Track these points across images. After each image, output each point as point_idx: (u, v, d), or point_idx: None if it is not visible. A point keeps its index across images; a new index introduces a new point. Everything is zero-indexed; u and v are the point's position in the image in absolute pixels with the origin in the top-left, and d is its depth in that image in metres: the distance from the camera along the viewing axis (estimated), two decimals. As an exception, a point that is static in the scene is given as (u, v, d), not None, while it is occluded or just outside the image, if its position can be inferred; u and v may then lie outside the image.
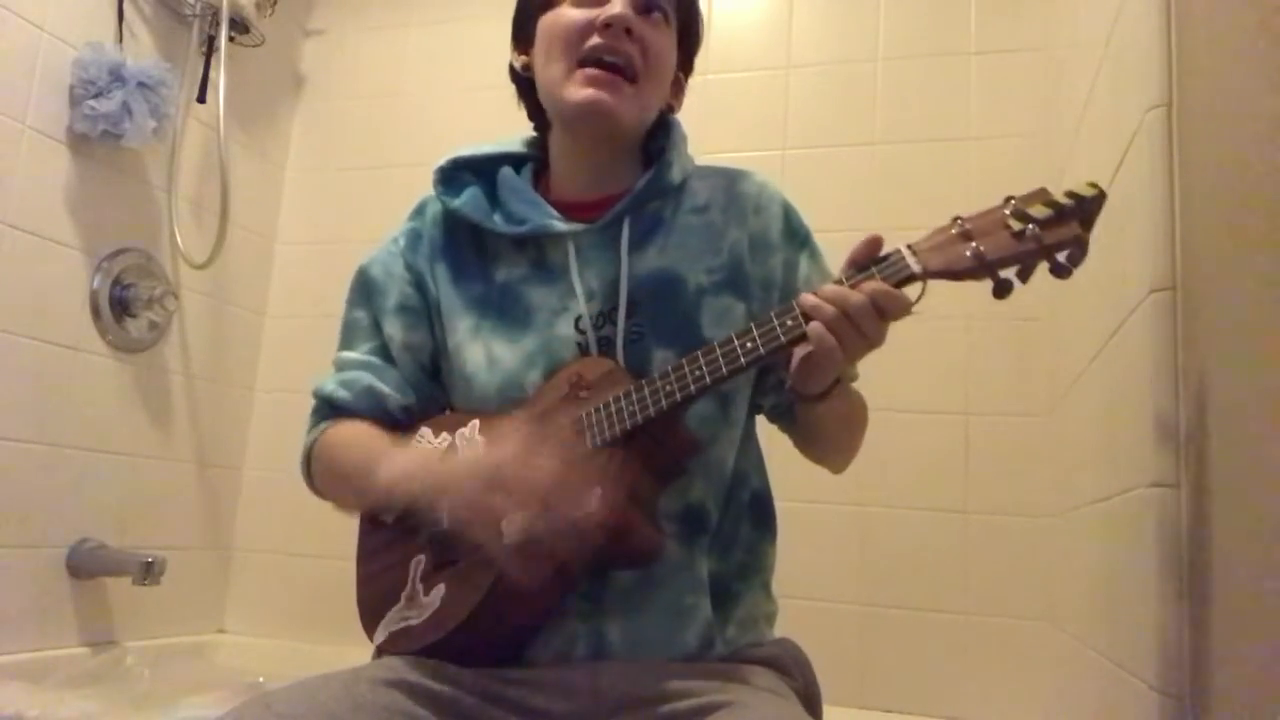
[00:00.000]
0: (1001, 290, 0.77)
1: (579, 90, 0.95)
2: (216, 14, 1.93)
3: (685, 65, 1.08)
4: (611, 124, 0.98)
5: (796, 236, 1.04)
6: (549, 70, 0.99)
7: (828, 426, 0.99)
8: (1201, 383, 0.80)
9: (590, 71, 0.95)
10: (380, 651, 0.94)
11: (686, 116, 1.10)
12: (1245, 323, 0.70)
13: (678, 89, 1.08)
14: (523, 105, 1.09)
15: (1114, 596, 1.05)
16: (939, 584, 1.71)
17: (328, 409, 1.03)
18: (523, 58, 1.05)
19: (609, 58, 0.95)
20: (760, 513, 1.01)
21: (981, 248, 0.77)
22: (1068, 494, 1.43)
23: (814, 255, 1.04)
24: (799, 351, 0.86)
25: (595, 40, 0.95)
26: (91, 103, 1.67)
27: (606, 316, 0.95)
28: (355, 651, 1.01)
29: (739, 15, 2.03)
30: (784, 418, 1.05)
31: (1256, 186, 0.68)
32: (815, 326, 0.80)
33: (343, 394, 1.01)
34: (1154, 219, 0.89)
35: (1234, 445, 0.73)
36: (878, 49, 1.93)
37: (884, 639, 1.72)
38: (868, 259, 0.82)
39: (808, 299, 0.81)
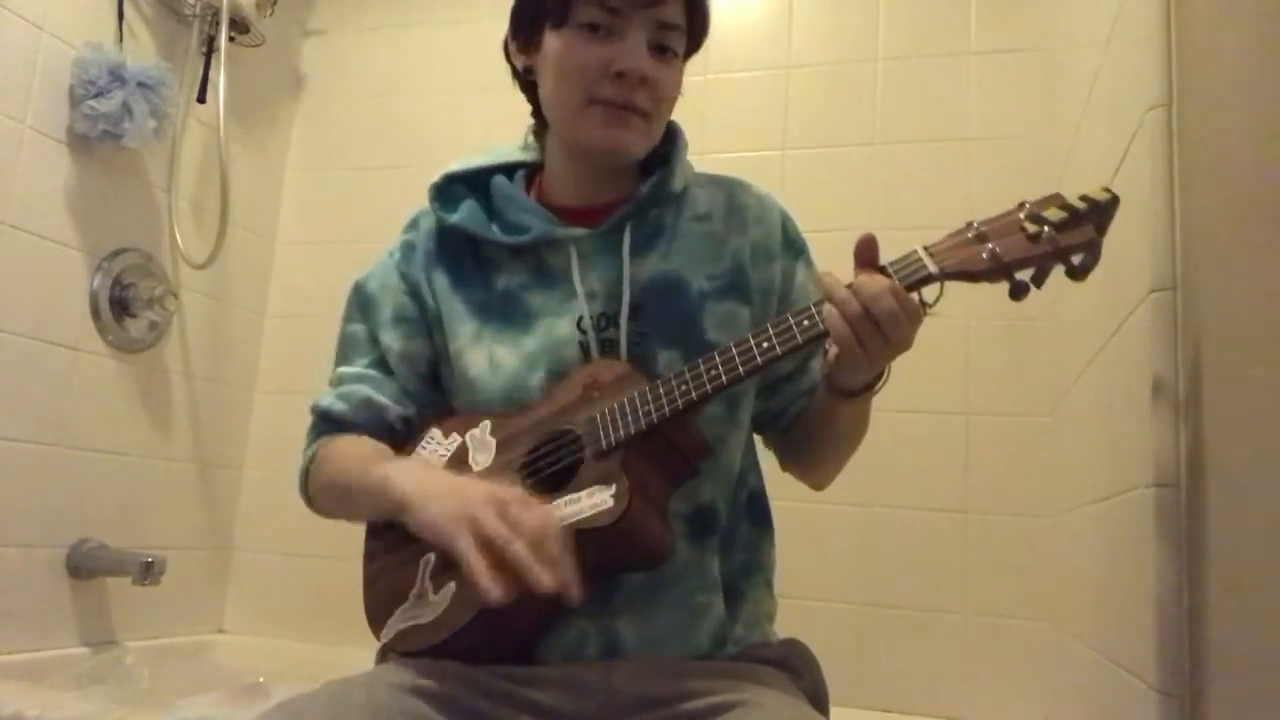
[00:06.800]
0: (1018, 292, 0.78)
1: (596, 130, 0.94)
2: (216, 14, 1.93)
3: (687, 56, 1.04)
4: (626, 160, 0.98)
5: (793, 246, 1.05)
6: (559, 102, 0.97)
7: (841, 430, 0.97)
8: (1201, 383, 0.80)
9: (608, 110, 0.94)
10: (386, 650, 0.93)
11: (687, 117, 1.09)
12: (1245, 323, 0.70)
13: None
14: (525, 98, 1.06)
15: (1114, 596, 1.04)
16: (939, 584, 1.70)
17: (325, 424, 1.02)
18: (525, 59, 1.01)
19: (621, 102, 0.94)
20: (757, 512, 1.02)
21: (998, 249, 0.78)
22: (1068, 494, 1.43)
23: (809, 265, 1.05)
24: (833, 349, 0.85)
25: (609, 89, 0.93)
26: (91, 103, 1.67)
27: (610, 319, 0.95)
28: (355, 651, 1.01)
29: (739, 15, 2.02)
30: (772, 426, 1.05)
31: (1256, 186, 0.68)
32: (830, 312, 0.79)
33: (340, 406, 1.01)
34: (1154, 219, 0.89)
35: (1234, 445, 0.73)
36: (878, 49, 1.92)
37: (884, 639, 1.72)
38: (873, 258, 0.82)
39: (839, 292, 0.79)
